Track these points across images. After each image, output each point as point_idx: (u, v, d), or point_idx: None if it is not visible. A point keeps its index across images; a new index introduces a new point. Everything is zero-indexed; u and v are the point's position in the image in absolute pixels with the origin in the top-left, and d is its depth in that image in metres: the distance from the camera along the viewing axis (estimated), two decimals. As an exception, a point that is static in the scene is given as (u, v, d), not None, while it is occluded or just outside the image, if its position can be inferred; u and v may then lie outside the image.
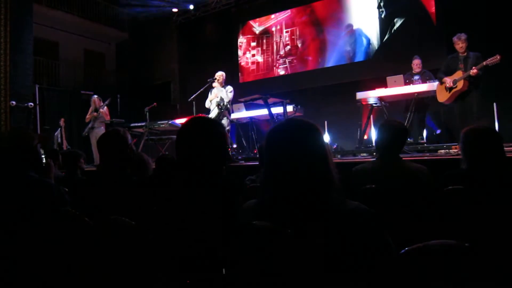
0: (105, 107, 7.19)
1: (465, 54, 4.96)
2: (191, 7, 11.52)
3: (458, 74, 4.91)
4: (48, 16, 11.16)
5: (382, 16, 8.89)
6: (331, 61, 9.65)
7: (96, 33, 12.96)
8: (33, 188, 1.90)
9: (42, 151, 2.20)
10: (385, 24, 8.85)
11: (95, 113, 7.18)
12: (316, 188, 1.10)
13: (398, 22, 8.68)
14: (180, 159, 1.50)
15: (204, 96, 6.26)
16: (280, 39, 10.52)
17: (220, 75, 6.10)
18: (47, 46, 11.86)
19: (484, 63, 4.68)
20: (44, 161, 2.32)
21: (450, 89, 4.97)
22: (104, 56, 13.75)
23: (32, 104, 7.43)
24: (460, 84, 4.86)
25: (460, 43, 4.94)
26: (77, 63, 12.51)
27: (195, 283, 1.26)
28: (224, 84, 6.12)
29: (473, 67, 4.73)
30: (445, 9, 7.96)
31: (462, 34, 4.97)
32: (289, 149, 1.13)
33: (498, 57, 4.63)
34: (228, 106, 5.93)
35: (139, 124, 6.92)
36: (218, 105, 5.84)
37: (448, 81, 4.96)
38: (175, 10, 11.85)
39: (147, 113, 6.72)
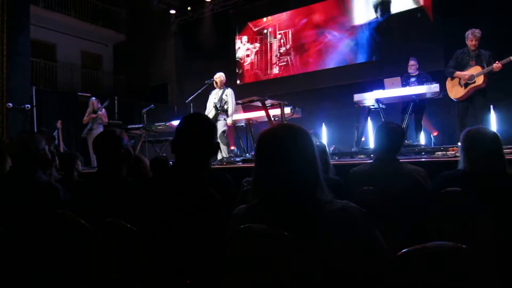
0: (103, 109, 7.21)
1: (476, 51, 4.81)
2: (189, 8, 11.52)
3: (476, 69, 4.75)
4: (45, 18, 11.14)
5: (381, 18, 8.91)
6: (329, 63, 9.66)
7: (93, 34, 12.94)
8: (40, 191, 1.92)
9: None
10: (383, 27, 8.88)
11: (94, 115, 7.21)
12: (305, 190, 1.12)
13: (396, 24, 8.71)
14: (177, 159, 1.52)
15: (202, 97, 6.24)
16: (279, 41, 10.53)
17: (218, 76, 6.07)
18: (44, 48, 11.83)
19: (489, 60, 4.51)
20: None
21: (466, 84, 4.82)
22: (102, 58, 13.72)
23: (29, 106, 7.37)
24: (479, 80, 4.70)
25: (474, 40, 4.78)
26: (74, 65, 12.49)
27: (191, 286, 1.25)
28: (224, 86, 6.08)
29: (497, 62, 4.54)
30: (442, 11, 7.99)
31: (477, 30, 4.79)
32: (278, 152, 1.15)
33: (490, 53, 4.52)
34: (226, 108, 5.90)
35: (137, 125, 6.91)
36: (215, 106, 5.83)
37: (464, 75, 4.78)
38: (172, 11, 11.85)
39: (145, 115, 6.71)
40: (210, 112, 5.93)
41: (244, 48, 11.20)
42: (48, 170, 2.41)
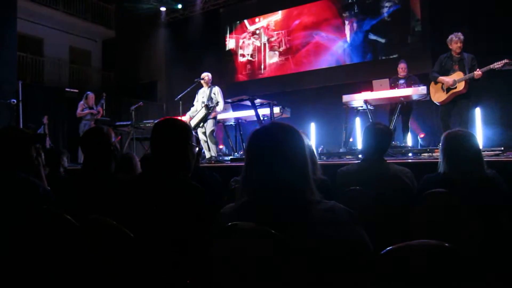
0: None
1: (459, 55, 4.89)
2: (179, 6, 11.46)
3: (459, 74, 4.81)
4: (32, 12, 10.97)
5: (372, 21, 8.99)
6: (319, 64, 9.70)
7: (82, 30, 12.77)
8: (19, 187, 1.86)
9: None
10: (373, 29, 8.96)
11: (94, 111, 7.16)
12: (294, 189, 1.13)
13: (386, 27, 8.79)
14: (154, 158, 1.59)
15: (191, 96, 6.23)
16: (269, 41, 10.54)
17: (206, 75, 6.10)
18: (32, 42, 11.64)
19: (491, 66, 4.55)
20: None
21: (448, 89, 4.89)
22: (90, 54, 13.56)
23: (15, 101, 7.25)
24: (460, 86, 4.77)
25: (458, 43, 4.84)
26: (62, 60, 12.31)
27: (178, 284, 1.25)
28: (211, 84, 6.11)
29: (478, 69, 4.60)
30: (430, 15, 8.11)
31: (460, 33, 4.87)
32: (269, 151, 1.15)
33: (506, 61, 4.53)
34: (216, 107, 5.90)
35: (125, 123, 6.86)
36: (206, 106, 5.81)
37: (447, 80, 4.85)
38: (163, 9, 11.77)
39: (133, 112, 6.67)
40: (200, 111, 5.91)
41: (234, 47, 11.19)
42: (32, 168, 2.34)
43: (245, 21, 10.96)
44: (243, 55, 11.02)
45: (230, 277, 1.11)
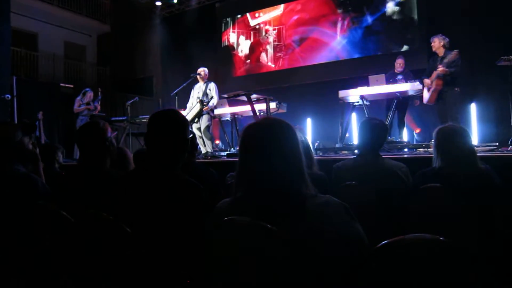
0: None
1: (443, 54, 5.08)
2: (175, 0, 11.39)
3: (434, 74, 5.05)
4: (27, 6, 10.86)
5: (369, 17, 8.98)
6: (316, 59, 9.68)
7: (77, 24, 12.66)
8: (18, 182, 1.86)
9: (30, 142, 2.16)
10: (370, 25, 8.95)
11: (91, 107, 7.16)
12: (289, 184, 1.13)
13: (383, 23, 8.78)
14: (149, 152, 1.58)
15: (187, 91, 6.21)
16: (267, 36, 10.50)
17: (202, 70, 6.08)
18: (26, 37, 11.54)
19: (446, 60, 4.85)
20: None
21: (428, 89, 5.11)
22: (85, 49, 13.46)
23: (9, 96, 7.20)
24: (434, 84, 5.00)
25: (436, 43, 5.11)
26: (56, 55, 12.21)
27: (174, 280, 1.25)
28: (207, 80, 6.09)
29: (439, 65, 4.89)
30: (428, 12, 8.11)
31: (437, 35, 5.16)
32: (263, 146, 1.15)
33: (454, 53, 4.80)
34: (212, 103, 5.89)
35: (120, 118, 6.85)
36: (200, 101, 5.80)
37: (427, 82, 5.10)
38: (158, 3, 11.70)
39: (129, 107, 6.66)
40: (194, 106, 5.89)
41: (230, 42, 11.14)
42: (30, 163, 2.33)
43: (247, 14, 10.87)
44: (240, 50, 10.97)
45: (227, 271, 1.12)
